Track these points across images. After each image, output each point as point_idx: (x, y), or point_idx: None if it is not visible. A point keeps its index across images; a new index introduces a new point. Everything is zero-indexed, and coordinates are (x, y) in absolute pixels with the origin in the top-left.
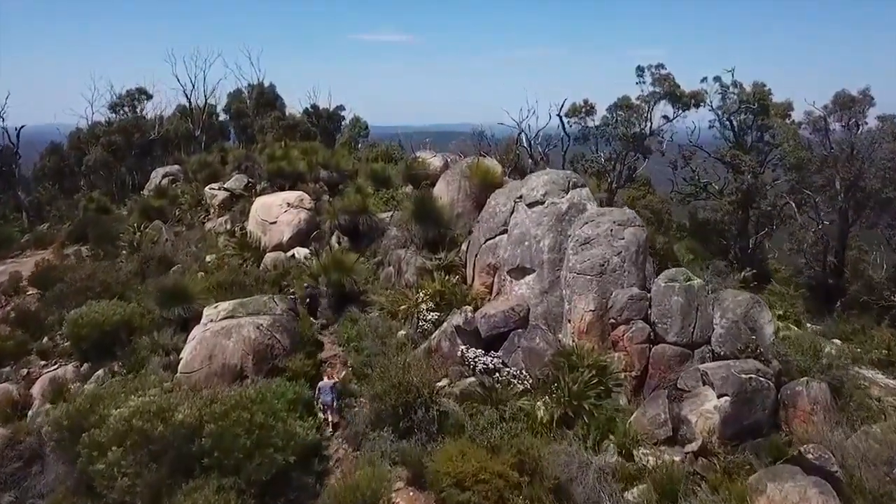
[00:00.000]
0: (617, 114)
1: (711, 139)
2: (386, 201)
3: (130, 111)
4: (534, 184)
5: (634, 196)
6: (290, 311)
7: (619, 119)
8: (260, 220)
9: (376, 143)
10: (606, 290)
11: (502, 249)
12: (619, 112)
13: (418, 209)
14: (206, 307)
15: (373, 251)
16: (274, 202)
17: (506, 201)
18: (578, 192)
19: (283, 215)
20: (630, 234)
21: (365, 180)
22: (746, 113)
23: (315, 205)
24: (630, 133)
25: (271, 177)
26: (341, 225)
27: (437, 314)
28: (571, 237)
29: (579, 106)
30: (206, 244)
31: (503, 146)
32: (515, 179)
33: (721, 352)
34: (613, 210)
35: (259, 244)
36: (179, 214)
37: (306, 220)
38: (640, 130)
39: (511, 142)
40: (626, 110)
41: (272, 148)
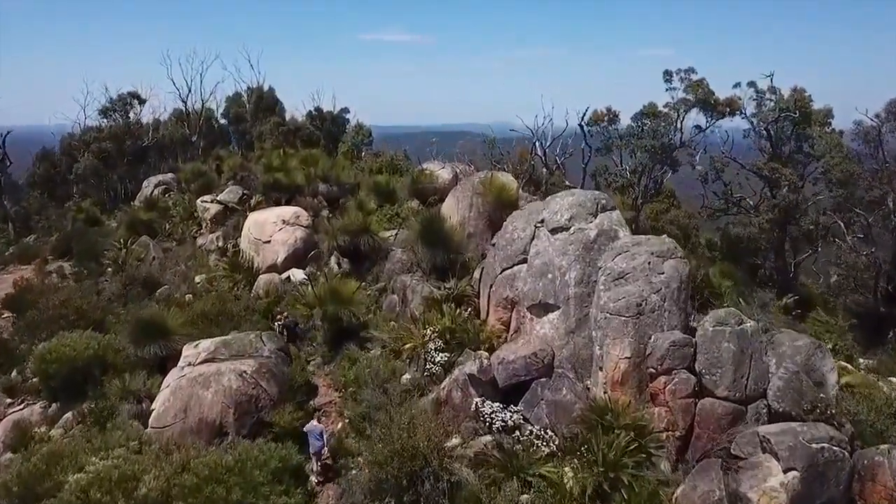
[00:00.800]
0: (642, 122)
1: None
2: (390, 218)
3: (122, 116)
4: (557, 206)
5: (658, 210)
6: (280, 352)
7: (646, 129)
8: (252, 238)
9: (380, 152)
10: (644, 334)
11: (521, 282)
12: (645, 121)
13: (425, 231)
14: (187, 345)
15: (375, 275)
16: (268, 219)
17: (525, 226)
18: (608, 217)
19: (278, 234)
20: (670, 267)
21: (367, 195)
22: (785, 121)
23: (313, 221)
24: (658, 144)
25: (267, 190)
26: (341, 246)
27: (447, 355)
28: (602, 270)
29: (601, 113)
30: (197, 262)
31: (516, 155)
32: (531, 194)
33: (780, 408)
34: (650, 239)
35: (252, 264)
36: (170, 228)
37: (303, 239)
38: (669, 141)
39: (524, 151)
40: (652, 119)
41: (269, 157)
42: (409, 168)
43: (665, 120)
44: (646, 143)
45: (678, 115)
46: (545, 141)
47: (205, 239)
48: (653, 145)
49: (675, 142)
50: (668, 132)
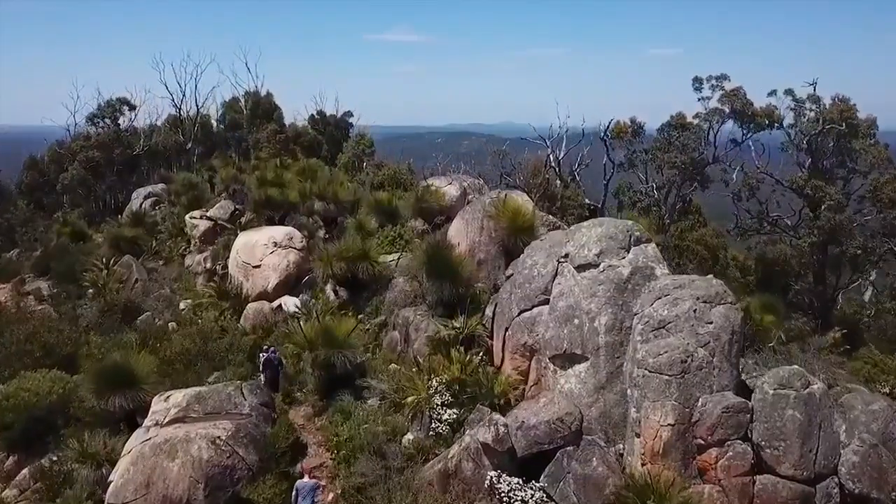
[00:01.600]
0: (670, 135)
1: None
2: (392, 241)
3: (112, 123)
4: (583, 239)
5: (683, 228)
6: (263, 407)
7: (674, 142)
8: (241, 262)
9: (383, 163)
10: (690, 396)
11: (543, 327)
12: (673, 133)
13: (431, 260)
14: (157, 397)
15: (375, 307)
16: (258, 241)
17: (546, 261)
18: (643, 251)
19: (269, 257)
20: (720, 315)
21: (367, 213)
22: (829, 134)
23: (308, 243)
24: (688, 160)
25: (258, 207)
26: (336, 275)
27: (456, 412)
28: (639, 317)
29: (624, 125)
30: (183, 285)
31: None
32: (546, 211)
33: (856, 489)
34: (694, 280)
35: (240, 291)
36: (156, 246)
37: (296, 264)
38: (700, 156)
39: (538, 162)
40: (681, 130)
41: (263, 170)
42: (412, 181)
43: (695, 132)
44: (674, 157)
45: (710, 127)
46: (559, 150)
47: (193, 258)
48: (683, 161)
49: (707, 157)
50: (698, 146)
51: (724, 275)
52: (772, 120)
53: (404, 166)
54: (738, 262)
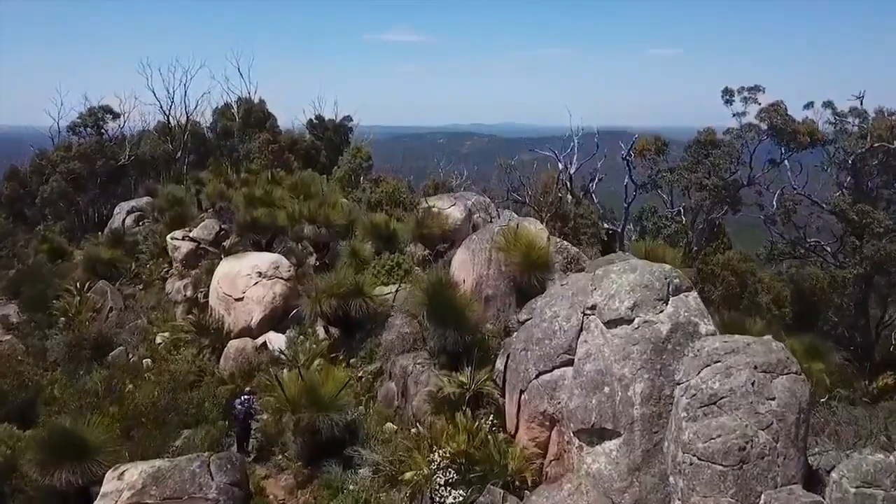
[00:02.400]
0: (698, 153)
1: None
2: (389, 270)
3: (95, 133)
4: (613, 287)
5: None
6: (233, 487)
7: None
8: (222, 294)
9: (380, 178)
10: (750, 492)
11: (566, 393)
12: (701, 150)
13: (433, 301)
14: (110, 472)
15: (369, 351)
16: (240, 271)
17: (569, 313)
18: (684, 303)
19: (253, 289)
20: (784, 389)
21: (363, 238)
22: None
23: (296, 271)
24: (720, 182)
25: (243, 230)
26: (327, 314)
27: (463, 492)
28: (684, 388)
29: (647, 142)
30: (161, 315)
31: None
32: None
33: None
34: (750, 344)
35: (221, 325)
36: (136, 268)
37: (283, 296)
38: (732, 176)
39: (549, 178)
40: (708, 147)
41: (252, 185)
42: (412, 200)
43: (727, 150)
44: (702, 178)
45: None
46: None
47: (173, 284)
48: (714, 184)
49: (742, 178)
50: (730, 165)
51: (754, 302)
52: (814, 139)
53: (403, 184)
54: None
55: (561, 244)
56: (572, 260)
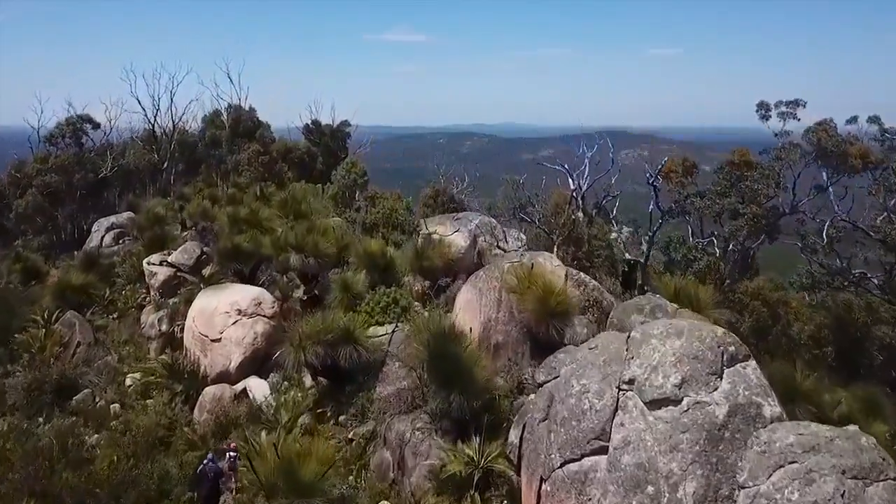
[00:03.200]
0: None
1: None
2: (385, 308)
3: (74, 143)
4: (655, 356)
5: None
6: None
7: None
8: (198, 334)
9: (377, 196)
10: None
11: (598, 489)
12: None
13: (435, 357)
14: None
15: (361, 407)
16: (218, 307)
17: (601, 387)
18: (742, 377)
19: (231, 329)
20: (880, 499)
21: (356, 269)
22: None
23: (281, 307)
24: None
25: (224, 258)
26: (311, 364)
27: None
28: (752, 496)
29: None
30: (134, 352)
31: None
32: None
33: None
34: (832, 439)
35: (196, 368)
36: (111, 295)
37: (265, 336)
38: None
39: (561, 197)
40: (742, 169)
41: (237, 204)
42: (411, 222)
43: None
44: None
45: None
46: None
47: (148, 316)
48: (754, 213)
49: (782, 205)
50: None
51: (787, 335)
52: (867, 161)
53: (401, 204)
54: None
55: (578, 276)
56: (594, 301)
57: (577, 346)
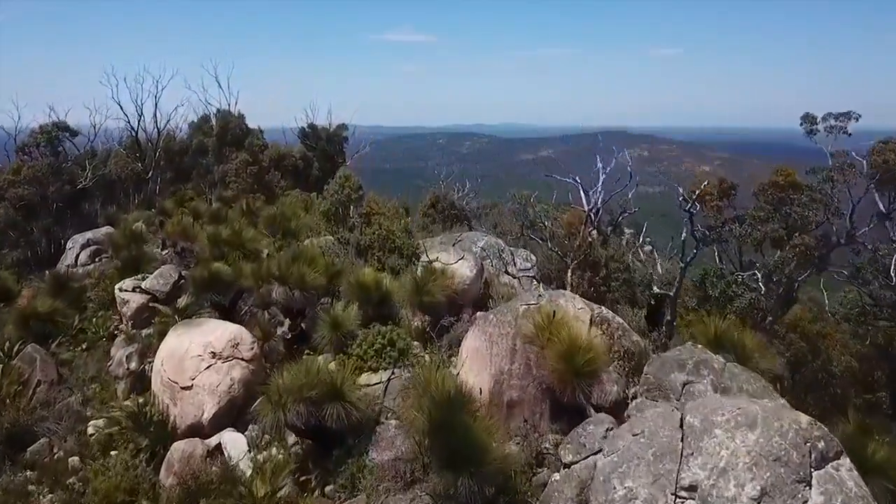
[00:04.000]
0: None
1: None
2: (380, 351)
3: (50, 153)
4: (721, 454)
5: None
6: None
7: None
8: (167, 379)
9: (372, 212)
10: None
11: None
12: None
13: (439, 432)
14: None
15: (350, 477)
16: (190, 349)
17: (652, 493)
18: (837, 481)
19: (204, 374)
20: None
21: (348, 303)
22: None
23: (262, 347)
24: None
25: (200, 288)
26: (294, 422)
27: None
28: None
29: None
30: (100, 393)
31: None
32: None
33: None
34: None
35: (165, 419)
36: (80, 323)
37: (243, 382)
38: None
39: (575, 217)
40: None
41: (218, 224)
42: (410, 245)
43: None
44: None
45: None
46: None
47: (118, 350)
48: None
49: (835, 233)
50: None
51: (826, 371)
52: None
53: (400, 225)
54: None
55: (600, 312)
56: (625, 353)
57: (606, 406)
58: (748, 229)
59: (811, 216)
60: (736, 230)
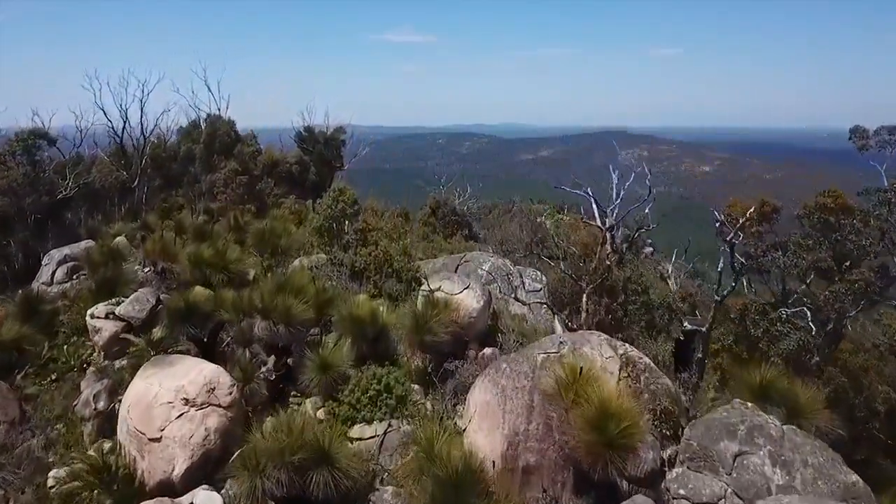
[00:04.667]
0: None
1: None
2: (374, 399)
3: (27, 162)
4: None
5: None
6: None
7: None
8: (133, 429)
9: (368, 228)
10: None
11: None
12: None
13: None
14: None
15: None
16: (159, 395)
17: None
18: None
19: (175, 424)
20: None
21: (340, 338)
22: None
23: (242, 390)
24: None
25: (174, 321)
26: (275, 491)
27: None
28: None
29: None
30: (66, 434)
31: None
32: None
33: None
34: None
35: (132, 472)
36: (50, 352)
37: (220, 432)
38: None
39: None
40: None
41: (202, 242)
42: (409, 268)
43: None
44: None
45: None
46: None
47: (88, 387)
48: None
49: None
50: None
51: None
52: None
53: (398, 247)
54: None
55: (624, 352)
56: (662, 412)
57: (641, 477)
58: (793, 258)
59: (868, 245)
60: (780, 260)
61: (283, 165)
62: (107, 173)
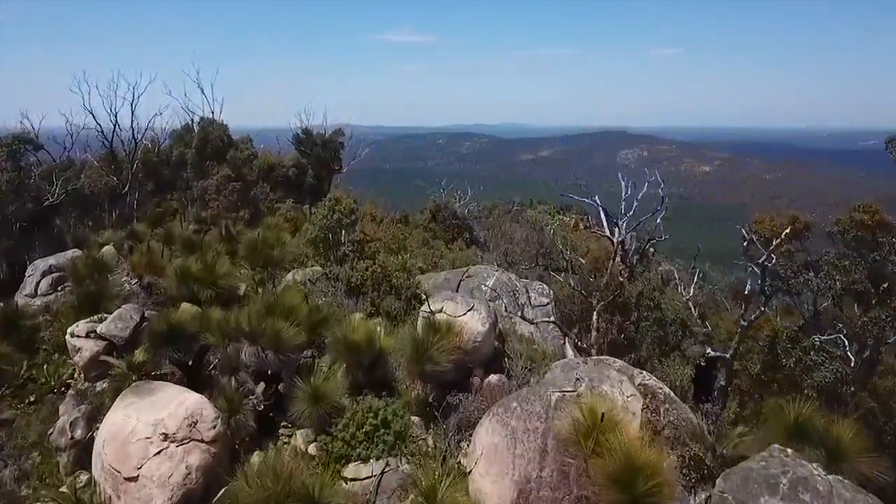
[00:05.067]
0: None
1: None
2: (371, 434)
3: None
4: None
5: None
6: None
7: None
8: (108, 467)
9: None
10: None
11: None
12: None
13: None
14: None
15: None
16: (136, 429)
17: None
18: None
19: (154, 462)
20: None
21: (334, 363)
22: None
23: (228, 422)
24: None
25: (158, 342)
26: None
27: None
28: None
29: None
30: (41, 466)
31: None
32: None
33: None
34: None
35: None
36: (28, 371)
37: (202, 470)
38: None
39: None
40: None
41: (190, 254)
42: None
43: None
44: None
45: None
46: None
47: (65, 415)
48: None
49: None
50: None
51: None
52: None
53: (397, 262)
54: None
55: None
56: (689, 461)
57: None
58: (826, 280)
59: None
60: (813, 282)
61: (279, 169)
62: (96, 178)
